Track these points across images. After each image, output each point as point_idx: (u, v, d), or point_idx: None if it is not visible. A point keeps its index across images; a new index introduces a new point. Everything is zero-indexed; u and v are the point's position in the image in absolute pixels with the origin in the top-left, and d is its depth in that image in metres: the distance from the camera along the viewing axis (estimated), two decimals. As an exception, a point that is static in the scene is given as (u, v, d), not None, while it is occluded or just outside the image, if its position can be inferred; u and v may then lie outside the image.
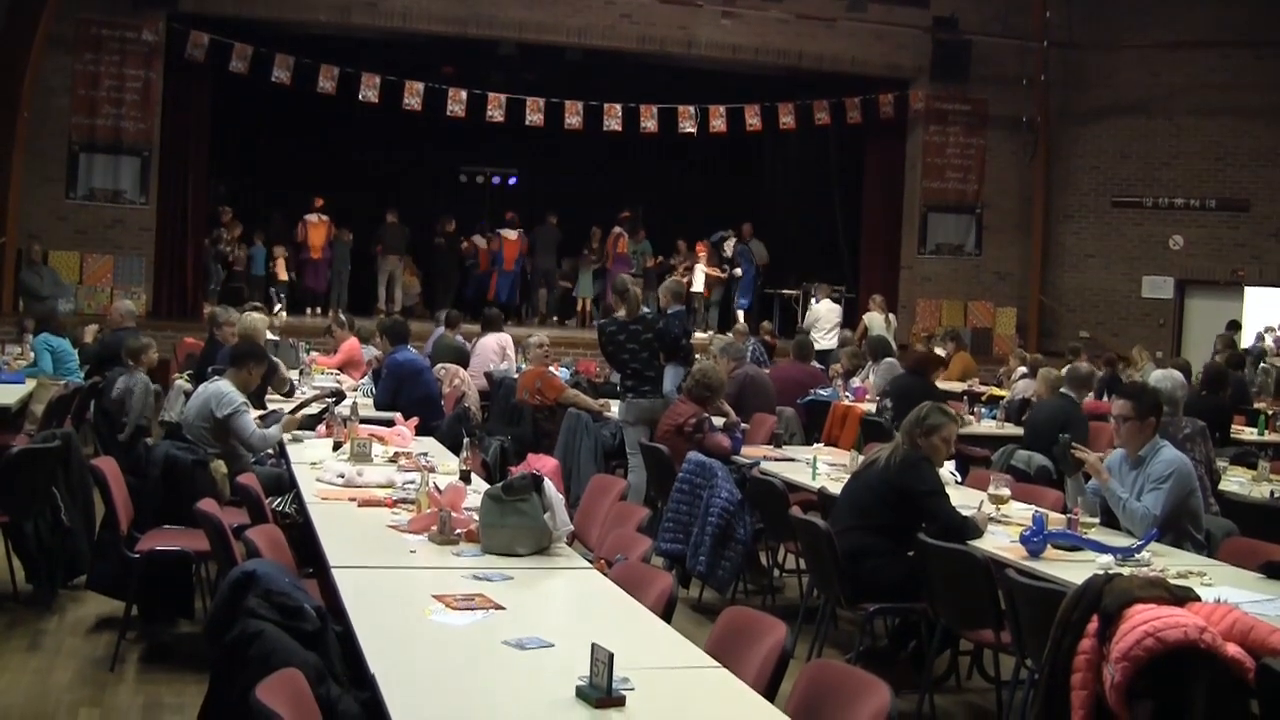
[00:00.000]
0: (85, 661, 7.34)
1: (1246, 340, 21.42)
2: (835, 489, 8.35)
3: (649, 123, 21.61)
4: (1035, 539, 6.59)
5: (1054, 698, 5.11)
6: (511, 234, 24.18)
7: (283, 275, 23.01)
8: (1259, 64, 21.90)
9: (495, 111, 21.05)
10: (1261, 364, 18.68)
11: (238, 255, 22.66)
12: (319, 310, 23.08)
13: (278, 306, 21.16)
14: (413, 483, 7.22)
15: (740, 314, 23.06)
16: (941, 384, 14.49)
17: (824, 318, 20.39)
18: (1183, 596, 5.04)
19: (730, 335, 16.58)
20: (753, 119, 21.82)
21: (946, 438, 7.57)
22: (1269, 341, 20.94)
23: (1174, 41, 22.30)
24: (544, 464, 8.43)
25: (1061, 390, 11.69)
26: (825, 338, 19.47)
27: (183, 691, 6.78)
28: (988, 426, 12.99)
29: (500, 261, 24.19)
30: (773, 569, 9.71)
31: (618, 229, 24.14)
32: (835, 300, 21.37)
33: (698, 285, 23.13)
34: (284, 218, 23.69)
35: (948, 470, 8.43)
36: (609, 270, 23.47)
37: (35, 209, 19.68)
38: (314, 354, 15.58)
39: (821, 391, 14.39)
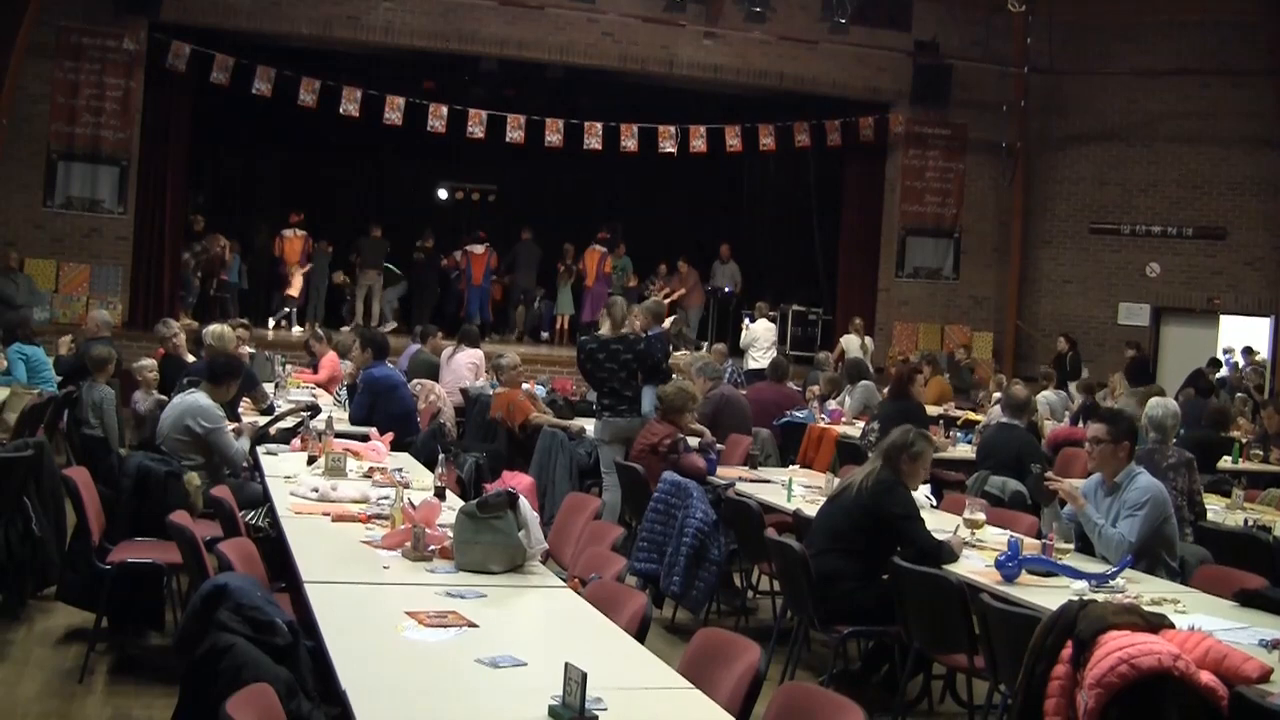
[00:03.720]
0: (53, 673, 7.28)
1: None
2: (810, 511, 8.36)
3: (629, 141, 21.59)
4: (1010, 564, 6.59)
5: (1027, 723, 5.11)
6: (478, 249, 24.05)
7: (293, 290, 22.89)
8: (1237, 93, 22.01)
9: (476, 127, 21.01)
10: (1239, 393, 18.74)
11: (225, 261, 22.48)
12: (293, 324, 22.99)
13: (281, 320, 20.83)
14: (387, 498, 7.21)
15: None
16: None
17: (761, 337, 20.36)
18: (1157, 623, 5.05)
19: (709, 354, 16.50)
20: (733, 140, 21.80)
21: (926, 463, 7.67)
22: (1242, 363, 21.09)
23: (1153, 69, 22.43)
24: (519, 481, 8.43)
25: (1002, 420, 11.70)
26: (763, 357, 19.47)
27: (152, 704, 6.74)
28: (963, 450, 12.98)
29: (469, 277, 24.12)
30: (746, 590, 9.70)
31: (599, 247, 24.09)
32: (771, 320, 21.40)
33: None
34: (267, 230, 23.53)
35: (923, 494, 8.44)
36: (590, 289, 23.46)
37: (12, 216, 19.59)
38: (290, 367, 15.52)
39: (797, 413, 14.39)
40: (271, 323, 22.11)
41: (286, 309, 22.68)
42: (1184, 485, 8.95)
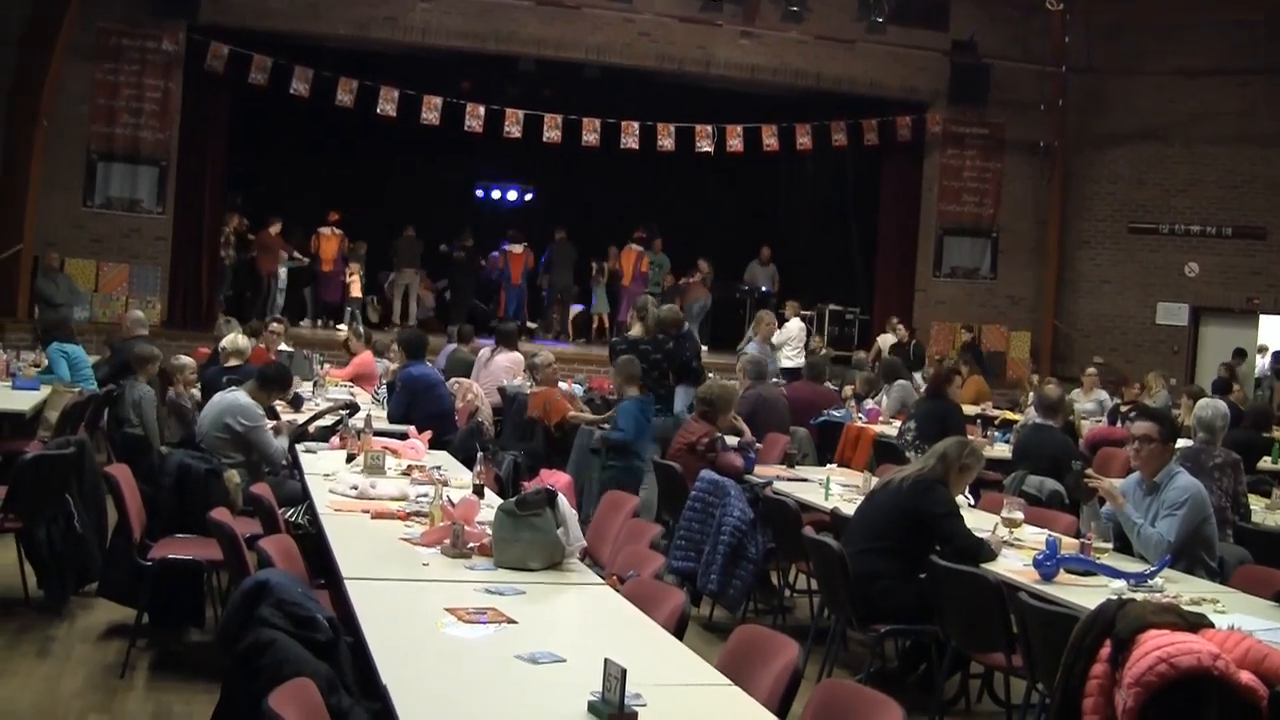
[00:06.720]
0: (95, 669, 7.34)
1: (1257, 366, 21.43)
2: (848, 510, 8.35)
3: (666, 141, 21.60)
4: (1048, 563, 6.58)
5: (1066, 722, 5.10)
6: (517, 249, 24.12)
7: (355, 292, 23.03)
8: (1275, 92, 21.85)
9: (512, 127, 21.08)
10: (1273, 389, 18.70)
11: (265, 260, 22.60)
12: (333, 322, 23.07)
13: (357, 324, 20.48)
14: (426, 496, 7.24)
15: None
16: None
17: (795, 336, 20.27)
18: (1196, 623, 5.02)
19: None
20: (770, 139, 21.79)
21: (970, 478, 7.83)
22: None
23: (1191, 68, 22.28)
24: (557, 479, 8.45)
25: (1037, 421, 11.67)
26: (796, 356, 19.45)
27: (192, 700, 6.78)
28: (1000, 450, 12.93)
29: (507, 277, 24.17)
30: (783, 589, 9.69)
31: (636, 246, 24.06)
32: (804, 320, 21.34)
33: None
34: (303, 229, 23.61)
35: (962, 494, 8.42)
36: (627, 288, 23.45)
37: (52, 217, 19.72)
38: (327, 366, 15.60)
39: (835, 412, 14.36)
40: (343, 330, 21.52)
41: (350, 309, 22.78)
42: (1229, 485, 8.91)
